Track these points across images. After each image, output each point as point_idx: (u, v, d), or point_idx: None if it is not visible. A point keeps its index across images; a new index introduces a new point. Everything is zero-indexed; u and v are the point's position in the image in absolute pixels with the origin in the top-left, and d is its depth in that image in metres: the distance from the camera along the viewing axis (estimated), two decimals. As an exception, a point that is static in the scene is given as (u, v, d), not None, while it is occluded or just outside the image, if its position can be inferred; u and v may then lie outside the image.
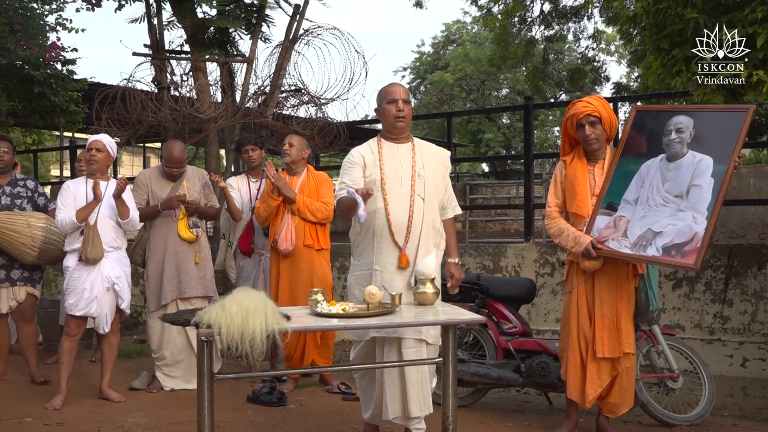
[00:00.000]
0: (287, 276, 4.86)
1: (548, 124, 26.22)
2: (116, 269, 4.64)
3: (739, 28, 4.17)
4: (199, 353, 2.82)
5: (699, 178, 3.47)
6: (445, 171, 3.65)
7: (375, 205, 3.46)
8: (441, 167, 3.62)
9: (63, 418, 4.31)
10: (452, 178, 14.79)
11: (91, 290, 4.54)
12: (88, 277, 4.54)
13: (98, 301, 4.55)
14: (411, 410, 3.40)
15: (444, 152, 3.68)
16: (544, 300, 6.26)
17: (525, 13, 14.30)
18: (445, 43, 28.17)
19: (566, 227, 3.80)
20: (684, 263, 3.43)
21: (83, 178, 4.76)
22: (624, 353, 3.73)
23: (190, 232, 4.91)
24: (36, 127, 8.74)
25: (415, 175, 3.50)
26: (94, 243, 4.51)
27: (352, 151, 3.61)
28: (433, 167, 3.57)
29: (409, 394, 3.39)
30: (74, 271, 4.57)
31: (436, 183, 3.55)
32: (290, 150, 4.90)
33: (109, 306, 4.61)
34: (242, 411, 4.48)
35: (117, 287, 4.63)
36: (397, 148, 3.55)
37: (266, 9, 6.70)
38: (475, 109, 22.68)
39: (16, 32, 6.79)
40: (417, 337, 3.40)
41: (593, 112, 3.73)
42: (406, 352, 3.40)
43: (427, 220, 3.49)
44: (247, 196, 5.35)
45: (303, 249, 4.84)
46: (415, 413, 3.41)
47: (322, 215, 4.85)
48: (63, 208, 4.55)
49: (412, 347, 3.40)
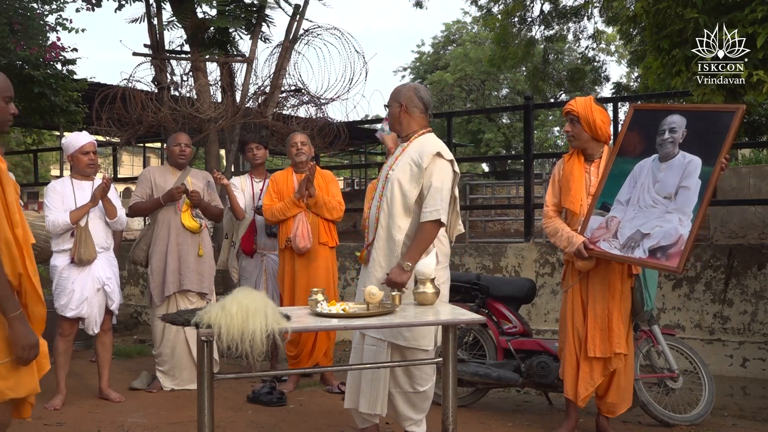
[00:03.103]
0: (304, 274, 4.86)
1: (548, 124, 26.25)
2: (107, 270, 4.64)
3: (739, 28, 4.16)
4: (199, 353, 2.82)
5: (687, 179, 3.46)
6: (416, 169, 3.39)
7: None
8: (411, 165, 3.40)
9: (63, 418, 4.31)
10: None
11: (81, 291, 4.52)
12: (78, 277, 4.53)
13: (88, 302, 4.54)
14: (360, 404, 3.50)
15: (423, 149, 3.41)
16: (544, 300, 6.26)
17: (525, 13, 14.31)
18: (445, 43, 28.17)
19: (561, 227, 3.82)
20: (668, 266, 3.43)
21: (68, 178, 4.70)
22: (615, 353, 3.74)
23: (193, 221, 4.91)
24: (36, 127, 8.75)
25: (386, 177, 3.49)
26: (87, 244, 4.50)
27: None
28: (403, 168, 3.43)
29: (362, 389, 3.48)
30: (63, 271, 4.54)
31: (400, 183, 3.40)
32: (304, 149, 4.97)
33: (98, 307, 4.60)
34: (242, 411, 4.48)
35: (107, 288, 4.62)
36: (401, 147, 3.56)
37: (266, 9, 6.70)
38: (475, 109, 22.68)
39: (16, 32, 6.79)
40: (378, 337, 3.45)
41: (571, 111, 3.83)
42: (367, 348, 3.48)
43: (381, 223, 3.47)
44: (250, 196, 5.35)
45: (319, 246, 4.88)
46: (362, 408, 3.48)
47: (337, 214, 4.93)
48: (53, 209, 4.49)
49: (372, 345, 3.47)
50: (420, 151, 3.42)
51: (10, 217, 2.51)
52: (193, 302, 4.87)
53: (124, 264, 7.81)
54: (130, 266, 8.04)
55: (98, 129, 6.37)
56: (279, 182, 5.00)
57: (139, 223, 11.52)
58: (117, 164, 11.83)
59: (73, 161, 4.62)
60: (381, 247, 3.45)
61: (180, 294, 4.90)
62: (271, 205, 4.91)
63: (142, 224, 10.20)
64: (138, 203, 4.97)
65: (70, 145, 4.62)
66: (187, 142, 5.04)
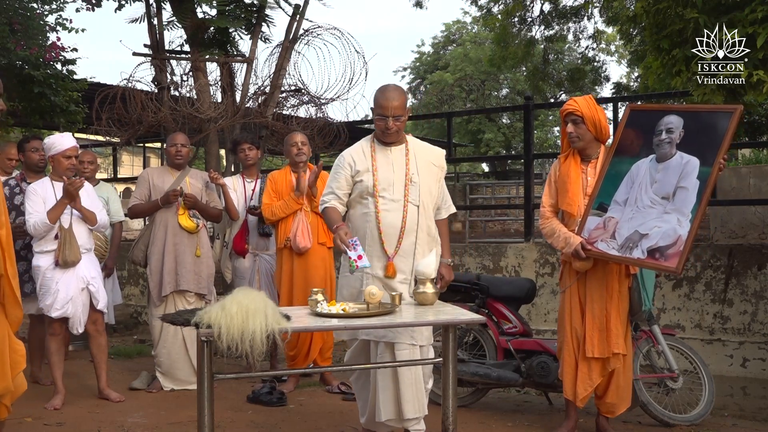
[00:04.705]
0: (302, 274, 4.85)
1: (548, 124, 26.25)
2: (91, 270, 4.62)
3: (739, 28, 4.16)
4: (199, 353, 2.82)
5: (685, 179, 3.45)
6: (440, 172, 3.58)
7: (367, 209, 3.45)
8: (435, 169, 3.55)
9: (63, 418, 4.31)
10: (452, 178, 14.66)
11: (66, 291, 4.49)
12: (63, 277, 4.49)
13: (73, 301, 4.51)
14: (405, 411, 3.36)
15: (438, 153, 3.61)
16: (544, 300, 6.26)
17: (525, 13, 14.31)
18: (445, 43, 28.19)
19: (558, 227, 3.82)
20: (666, 266, 3.43)
21: (47, 179, 4.64)
22: (614, 353, 3.74)
23: (190, 221, 4.91)
24: (36, 127, 8.73)
25: (408, 182, 3.45)
26: (71, 246, 4.47)
27: (344, 153, 3.57)
28: (427, 171, 3.51)
29: (403, 395, 3.36)
30: (47, 271, 4.49)
31: (430, 188, 3.50)
32: (304, 148, 4.96)
33: (82, 306, 4.57)
34: (242, 411, 4.48)
35: (92, 287, 4.59)
36: (390, 151, 3.50)
37: (266, 9, 6.70)
38: (475, 109, 22.69)
39: (16, 32, 6.78)
40: (410, 342, 3.39)
41: (575, 111, 3.78)
42: (399, 354, 3.38)
43: (422, 227, 3.46)
44: (242, 197, 5.34)
45: (317, 246, 4.87)
46: (410, 414, 3.37)
47: None
48: (34, 213, 4.43)
49: (405, 349, 3.39)
50: (430, 152, 3.56)
51: None
52: (191, 303, 4.86)
53: (124, 264, 7.82)
54: (130, 266, 8.05)
55: (98, 129, 6.37)
56: (277, 181, 4.99)
57: (139, 223, 11.53)
58: (117, 164, 11.84)
59: (54, 163, 4.56)
60: (421, 252, 3.42)
61: (178, 294, 4.90)
62: (271, 204, 4.91)
63: (142, 224, 10.20)
64: (136, 205, 4.98)
65: (53, 147, 4.55)
66: (184, 142, 5.03)
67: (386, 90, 3.42)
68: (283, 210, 4.86)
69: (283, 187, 4.95)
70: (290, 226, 4.86)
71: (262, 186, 5.29)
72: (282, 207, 4.86)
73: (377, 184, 3.44)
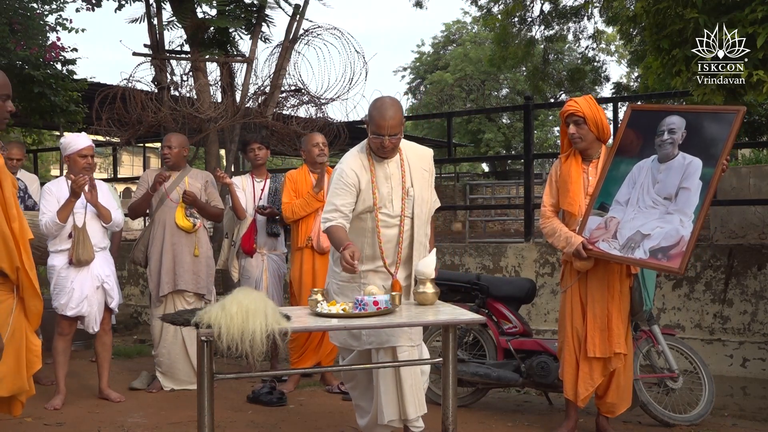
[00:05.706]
0: (323, 274, 4.84)
1: (548, 124, 26.25)
2: (105, 268, 4.65)
3: (739, 28, 4.16)
4: (199, 353, 2.82)
5: (688, 180, 3.46)
6: (430, 177, 3.56)
7: (366, 225, 3.43)
8: (426, 175, 3.53)
9: (63, 418, 4.31)
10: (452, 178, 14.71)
11: (81, 289, 4.52)
12: (78, 276, 4.53)
13: (88, 300, 4.55)
14: (408, 412, 3.38)
15: (427, 155, 3.57)
16: (544, 300, 6.26)
17: (525, 13, 14.31)
18: (445, 43, 28.20)
19: (559, 227, 3.82)
20: (669, 267, 3.43)
21: (63, 179, 4.69)
22: (615, 353, 3.74)
23: (186, 220, 4.90)
24: (36, 127, 8.74)
25: (405, 196, 3.43)
26: (84, 245, 4.50)
27: (344, 168, 3.40)
28: (420, 179, 3.48)
29: (405, 396, 3.37)
30: (62, 270, 4.54)
31: (423, 197, 3.48)
32: (326, 149, 4.99)
33: (98, 305, 4.60)
34: (242, 411, 4.48)
35: (107, 286, 4.63)
36: (386, 166, 3.44)
37: (266, 9, 6.69)
38: (475, 109, 22.69)
39: (16, 32, 6.78)
40: (409, 345, 3.40)
41: (576, 112, 3.77)
42: (401, 356, 3.39)
43: (417, 238, 3.46)
44: (251, 196, 5.34)
45: None
46: (412, 415, 3.39)
47: None
48: (47, 212, 4.47)
49: (405, 351, 3.40)
50: (420, 157, 3.53)
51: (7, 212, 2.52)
52: (190, 303, 4.86)
53: (124, 264, 7.82)
54: (130, 266, 8.05)
55: (98, 129, 6.37)
56: (296, 180, 5.00)
57: (140, 223, 11.53)
58: (117, 164, 11.84)
59: (70, 162, 4.61)
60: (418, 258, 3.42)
61: (177, 294, 4.90)
62: (291, 203, 4.91)
63: (142, 225, 10.21)
64: (133, 202, 5.03)
65: (69, 147, 4.61)
66: (172, 143, 4.95)
67: (383, 107, 3.30)
68: (303, 208, 4.87)
69: (302, 186, 4.97)
70: (312, 225, 4.87)
71: (271, 186, 5.30)
72: (302, 205, 4.87)
73: (377, 202, 3.41)
